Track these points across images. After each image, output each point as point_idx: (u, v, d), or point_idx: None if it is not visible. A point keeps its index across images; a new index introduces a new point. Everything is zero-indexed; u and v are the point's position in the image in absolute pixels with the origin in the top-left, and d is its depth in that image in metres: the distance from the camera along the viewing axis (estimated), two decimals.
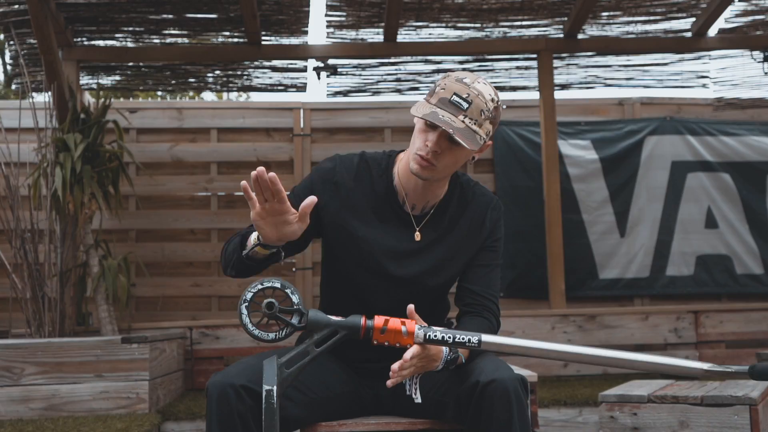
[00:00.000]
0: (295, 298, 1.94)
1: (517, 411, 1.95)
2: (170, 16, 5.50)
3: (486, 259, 2.29)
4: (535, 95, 6.08)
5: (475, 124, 2.06)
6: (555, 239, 5.55)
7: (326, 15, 5.57)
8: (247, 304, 1.93)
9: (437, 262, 2.24)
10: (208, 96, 14.13)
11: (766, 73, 6.07)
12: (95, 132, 5.07)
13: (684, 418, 2.96)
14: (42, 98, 5.34)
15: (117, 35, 5.68)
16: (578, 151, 6.25)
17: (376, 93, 6.21)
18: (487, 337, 1.93)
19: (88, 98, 5.80)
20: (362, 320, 1.94)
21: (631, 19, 5.79)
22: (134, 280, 5.70)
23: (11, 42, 5.49)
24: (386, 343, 1.95)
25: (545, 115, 5.66)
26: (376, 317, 1.95)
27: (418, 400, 2.05)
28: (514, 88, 6.27)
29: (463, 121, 2.05)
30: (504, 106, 2.20)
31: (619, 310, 5.62)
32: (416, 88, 6.22)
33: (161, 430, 4.08)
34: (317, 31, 20.79)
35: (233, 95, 14.44)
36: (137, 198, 5.86)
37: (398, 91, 6.22)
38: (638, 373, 5.22)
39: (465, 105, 2.06)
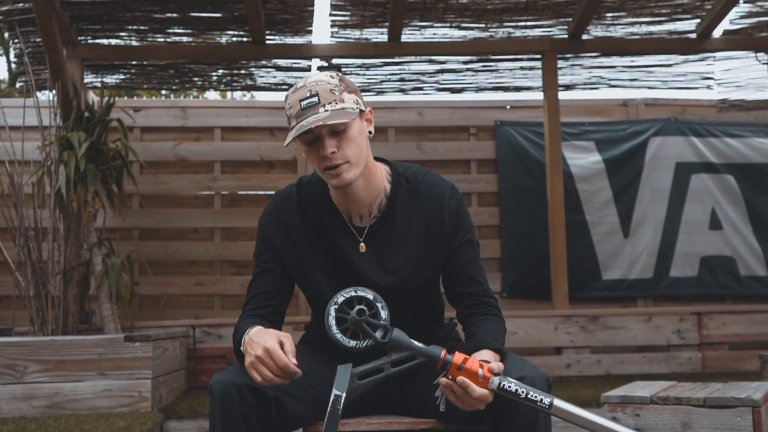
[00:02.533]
0: (383, 314, 1.95)
1: (543, 413, 1.95)
2: (174, 15, 5.50)
3: (465, 257, 2.22)
4: (539, 96, 6.08)
5: (335, 103, 2.05)
6: (558, 240, 5.55)
7: (330, 14, 5.57)
8: (336, 306, 1.95)
9: (398, 267, 2.19)
10: (212, 95, 14.13)
11: None
12: (99, 130, 5.08)
13: (687, 419, 2.96)
14: (46, 96, 5.35)
15: (121, 34, 5.68)
16: (582, 151, 6.25)
17: (380, 93, 6.21)
18: (559, 402, 1.91)
19: (92, 97, 5.80)
20: (443, 353, 1.93)
21: (635, 20, 5.79)
22: (137, 278, 5.70)
23: (16, 40, 5.50)
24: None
25: (549, 116, 5.65)
26: (456, 353, 1.93)
27: (442, 408, 2.03)
28: (518, 89, 6.27)
29: (326, 110, 2.04)
30: (507, 107, 2.20)
31: (622, 311, 5.62)
32: (420, 88, 6.22)
33: (163, 428, 4.09)
34: (321, 31, 20.83)
35: (237, 94, 14.45)
36: (141, 196, 5.87)
37: (402, 90, 6.22)
38: (640, 374, 5.23)
39: (315, 99, 2.04)
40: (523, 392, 1.90)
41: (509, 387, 1.91)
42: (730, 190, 6.29)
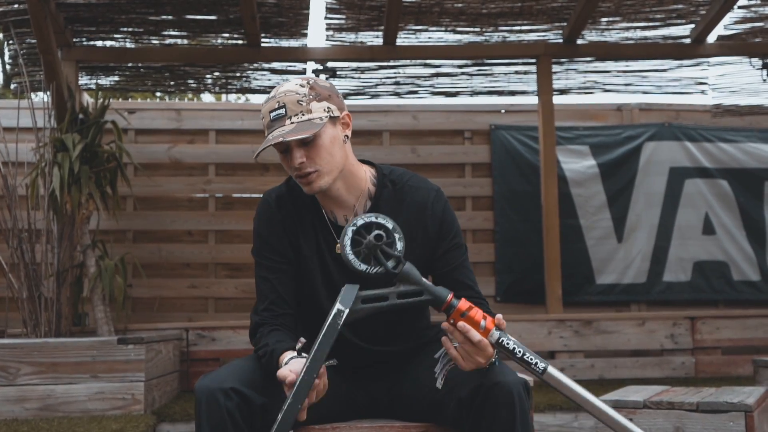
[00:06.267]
0: (399, 245, 1.96)
1: (520, 415, 1.94)
2: (170, 17, 5.50)
3: (455, 260, 2.23)
4: (533, 100, 6.09)
5: (301, 114, 2.08)
6: (552, 244, 5.56)
7: (326, 18, 5.57)
8: (355, 228, 1.95)
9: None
10: (207, 97, 14.11)
11: (764, 80, 6.08)
12: (94, 132, 5.07)
13: (679, 424, 2.96)
14: (40, 98, 5.34)
15: (116, 36, 5.68)
16: (576, 156, 6.25)
17: (374, 96, 6.21)
18: (552, 370, 1.92)
19: (87, 98, 5.79)
20: (449, 295, 1.94)
21: (630, 25, 5.80)
22: (131, 280, 5.70)
23: (10, 41, 5.49)
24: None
25: (544, 120, 5.66)
26: (462, 300, 1.94)
27: (439, 385, 2.00)
28: (512, 93, 6.27)
29: (291, 122, 2.07)
30: (502, 111, 2.20)
31: (615, 315, 5.63)
32: (415, 92, 6.22)
33: (156, 431, 4.08)
34: (317, 34, 20.88)
35: (232, 97, 14.43)
36: (135, 199, 5.86)
37: (397, 94, 6.22)
38: (633, 379, 5.23)
39: (282, 111, 2.09)
40: (519, 352, 1.93)
41: (507, 344, 1.93)
42: (723, 195, 6.31)
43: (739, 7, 5.68)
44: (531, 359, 1.92)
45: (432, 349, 2.11)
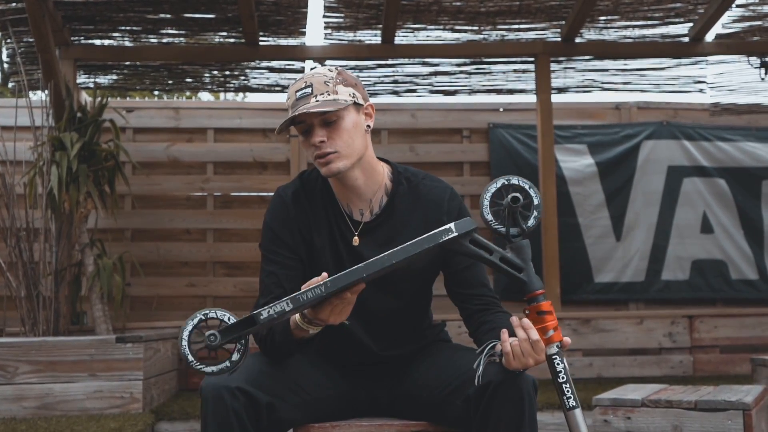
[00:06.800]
0: (535, 214, 1.99)
1: (528, 412, 1.94)
2: (168, 16, 5.49)
3: (468, 259, 2.20)
4: (532, 98, 6.09)
5: (328, 94, 2.08)
6: (551, 242, 5.56)
7: (324, 16, 5.57)
8: (507, 183, 2.03)
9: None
10: (205, 96, 14.11)
11: (762, 79, 6.09)
12: (92, 131, 5.06)
13: (677, 422, 2.96)
14: (39, 97, 5.33)
15: (114, 34, 5.67)
16: (575, 154, 6.26)
17: (373, 95, 6.20)
18: (579, 413, 1.93)
19: (85, 97, 5.79)
20: (540, 290, 1.95)
21: (628, 23, 5.80)
22: (129, 279, 5.69)
23: (8, 40, 5.48)
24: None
25: (542, 119, 5.66)
26: (549, 302, 1.97)
27: (477, 382, 1.94)
28: (511, 92, 6.27)
29: (317, 100, 2.07)
30: (500, 109, 2.20)
31: (614, 314, 5.63)
32: (413, 90, 6.22)
33: (155, 429, 4.08)
34: (315, 33, 20.82)
35: (230, 95, 14.43)
36: (133, 197, 5.86)
37: (395, 93, 6.22)
38: (632, 377, 5.23)
39: (308, 90, 2.09)
40: (562, 378, 1.93)
41: (557, 364, 1.94)
42: (721, 194, 6.31)
43: (738, 6, 5.68)
44: (567, 391, 1.93)
45: (433, 349, 2.11)
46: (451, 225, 1.87)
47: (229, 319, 1.85)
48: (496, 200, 1.98)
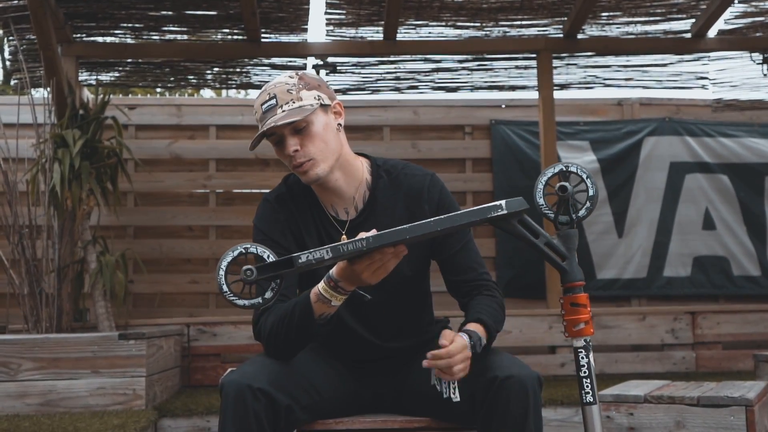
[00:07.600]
0: (588, 205, 2.00)
1: (533, 408, 1.95)
2: (170, 13, 5.49)
3: (455, 245, 2.21)
4: (534, 95, 6.08)
5: (293, 102, 2.09)
6: None
7: (326, 13, 5.56)
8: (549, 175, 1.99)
9: None
10: (207, 93, 14.10)
11: (765, 75, 6.07)
12: (94, 128, 5.07)
13: (680, 418, 2.96)
14: (41, 94, 5.33)
15: (116, 32, 5.67)
16: (577, 151, 6.25)
17: (375, 91, 6.21)
18: (596, 410, 1.94)
19: (87, 94, 5.79)
20: (581, 282, 1.96)
21: (630, 19, 5.79)
22: (132, 276, 5.70)
23: (10, 37, 5.48)
24: None
25: (544, 115, 5.65)
26: (586, 294, 1.98)
27: (457, 398, 1.98)
28: (513, 88, 6.27)
29: (283, 110, 2.08)
30: (502, 106, 2.20)
31: (616, 310, 5.63)
32: (415, 87, 6.22)
33: (158, 426, 4.08)
34: (317, 29, 20.85)
35: (232, 92, 14.42)
36: (135, 194, 5.86)
37: (397, 89, 6.22)
38: (634, 374, 5.23)
39: (273, 102, 2.10)
40: (584, 374, 1.94)
41: (582, 358, 1.94)
42: (724, 190, 6.31)
43: (740, 2, 5.67)
44: (587, 386, 1.93)
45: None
46: (502, 202, 1.87)
47: (268, 257, 1.87)
48: (551, 185, 1.96)
